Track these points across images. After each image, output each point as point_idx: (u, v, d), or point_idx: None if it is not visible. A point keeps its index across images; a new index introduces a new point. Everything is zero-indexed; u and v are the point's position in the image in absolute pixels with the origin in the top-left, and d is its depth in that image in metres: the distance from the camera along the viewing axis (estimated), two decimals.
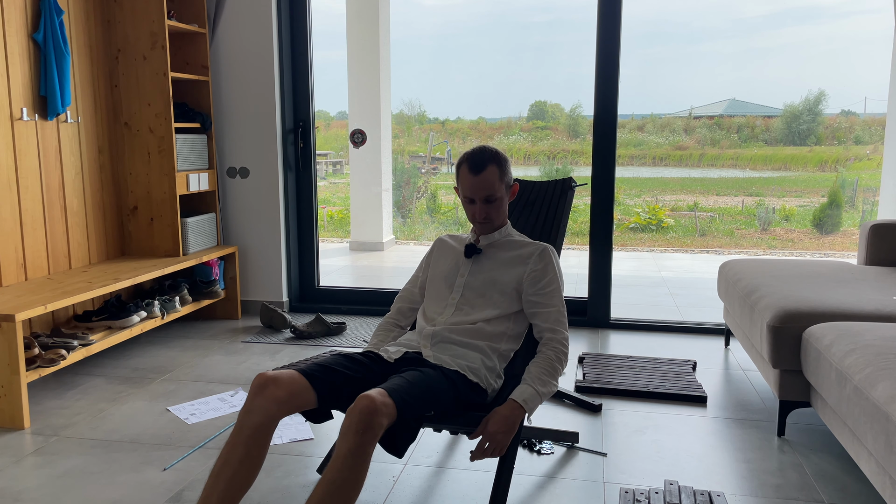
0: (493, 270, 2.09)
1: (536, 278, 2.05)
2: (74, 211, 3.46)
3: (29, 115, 3.16)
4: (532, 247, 2.11)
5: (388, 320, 2.25)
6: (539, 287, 2.05)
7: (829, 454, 2.41)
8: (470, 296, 2.08)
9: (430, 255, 2.26)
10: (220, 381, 3.12)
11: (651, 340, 3.74)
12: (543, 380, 1.94)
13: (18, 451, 2.44)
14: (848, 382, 2.01)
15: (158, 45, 3.59)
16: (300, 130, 4.15)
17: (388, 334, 2.21)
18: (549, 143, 10.89)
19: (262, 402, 1.72)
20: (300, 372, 1.79)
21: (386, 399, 1.64)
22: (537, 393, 1.91)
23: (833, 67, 10.87)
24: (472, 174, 2.01)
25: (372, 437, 1.60)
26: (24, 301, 2.77)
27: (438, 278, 2.15)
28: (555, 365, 1.97)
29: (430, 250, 2.27)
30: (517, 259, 2.09)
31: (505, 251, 2.11)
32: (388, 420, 1.63)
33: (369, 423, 1.60)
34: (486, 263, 2.11)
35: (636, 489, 2.15)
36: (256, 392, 1.74)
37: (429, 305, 2.15)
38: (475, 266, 2.11)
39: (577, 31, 10.56)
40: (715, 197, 10.33)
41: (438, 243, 2.26)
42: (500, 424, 1.84)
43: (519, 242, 2.13)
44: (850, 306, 2.50)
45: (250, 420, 1.71)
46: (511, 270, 2.07)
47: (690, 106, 11.47)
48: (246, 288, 4.20)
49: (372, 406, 1.61)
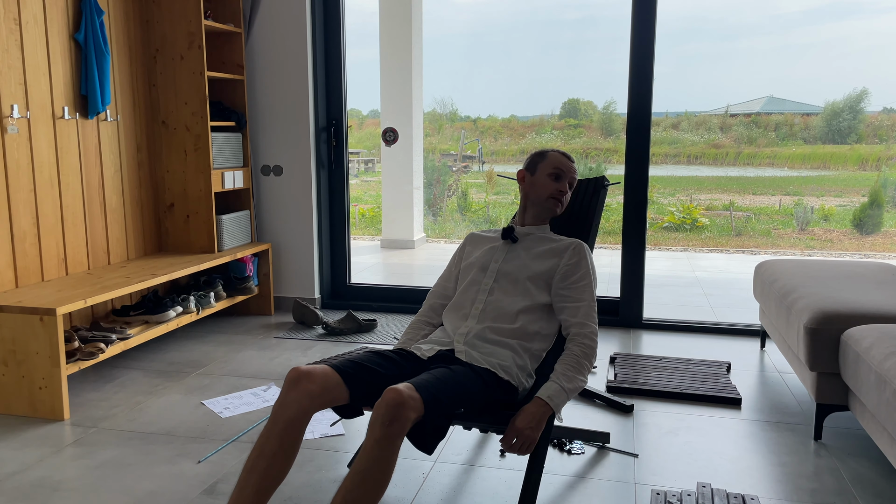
0: (527, 259, 2.11)
1: (569, 272, 2.06)
2: (113, 208, 3.54)
3: (70, 114, 3.24)
4: (566, 242, 2.13)
5: (420, 318, 2.26)
6: (571, 281, 2.06)
7: (867, 459, 2.36)
8: (503, 282, 2.09)
9: (462, 248, 2.29)
10: (253, 375, 3.17)
11: (684, 341, 3.70)
12: (569, 376, 1.93)
13: (58, 441, 2.50)
14: (888, 386, 1.96)
15: (195, 45, 3.65)
16: (333, 129, 4.19)
17: (420, 332, 2.22)
18: (582, 141, 10.82)
19: (296, 395, 1.74)
20: (333, 368, 1.81)
21: (413, 393, 1.65)
22: (563, 389, 1.90)
23: (873, 64, 10.61)
24: (565, 158, 2.18)
25: (399, 430, 1.62)
26: (64, 295, 2.84)
27: (472, 266, 2.18)
28: (581, 361, 1.96)
29: (462, 244, 2.30)
30: (551, 252, 2.11)
31: (540, 244, 2.14)
32: (416, 414, 1.64)
33: (396, 415, 1.61)
34: (521, 253, 2.14)
35: (668, 491, 2.13)
36: (290, 386, 1.76)
37: (460, 294, 2.15)
38: (510, 253, 2.14)
39: (609, 28, 10.46)
40: (751, 196, 10.16)
41: (470, 237, 2.29)
42: (526, 420, 1.84)
43: (554, 238, 2.16)
44: (891, 308, 2.44)
45: (284, 414, 1.73)
46: (545, 262, 2.09)
47: (727, 103, 11.29)
48: (279, 284, 4.25)
49: (399, 399, 1.62)
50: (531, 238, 2.17)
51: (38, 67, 3.05)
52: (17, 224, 2.99)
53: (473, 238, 2.28)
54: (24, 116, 2.98)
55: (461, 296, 2.15)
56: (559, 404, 1.89)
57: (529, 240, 2.16)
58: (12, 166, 2.95)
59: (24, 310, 2.66)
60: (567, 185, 2.16)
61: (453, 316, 2.12)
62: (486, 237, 2.24)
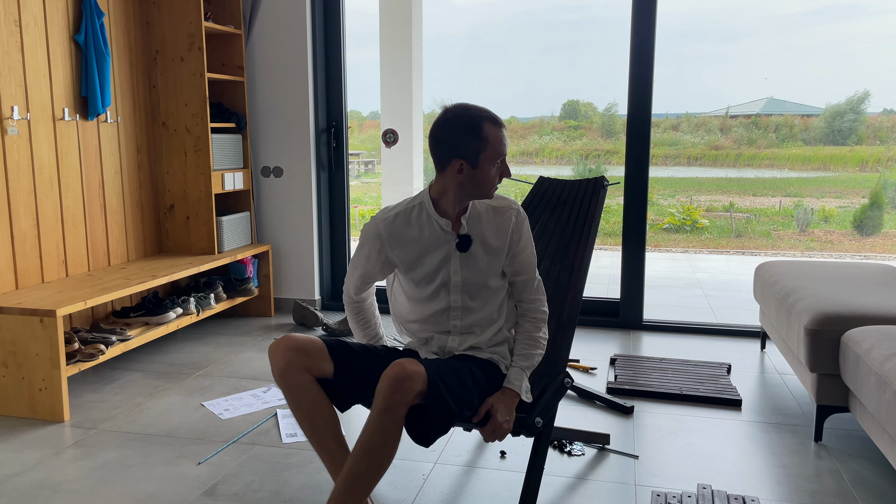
0: (481, 256, 1.90)
1: (515, 242, 1.92)
2: (113, 209, 3.54)
3: (70, 116, 3.24)
4: (505, 209, 1.92)
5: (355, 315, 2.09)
6: (516, 255, 1.93)
7: (868, 460, 2.36)
8: (471, 290, 1.92)
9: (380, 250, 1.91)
10: (254, 377, 3.16)
11: (684, 342, 3.70)
12: (526, 354, 1.94)
13: (58, 443, 2.50)
14: (888, 387, 1.96)
15: (195, 47, 3.65)
16: (333, 130, 4.19)
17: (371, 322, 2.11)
18: (583, 142, 10.82)
19: (282, 354, 1.79)
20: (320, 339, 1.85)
21: (418, 367, 1.66)
22: (522, 370, 1.92)
23: (873, 66, 10.60)
24: (499, 127, 1.81)
25: (400, 400, 1.63)
26: (64, 297, 2.84)
27: (423, 281, 1.91)
28: (534, 335, 1.96)
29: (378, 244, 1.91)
30: (497, 230, 1.91)
31: (483, 226, 1.91)
32: (419, 387, 1.65)
33: (398, 386, 1.62)
34: (474, 250, 1.90)
35: (668, 492, 2.13)
36: (272, 354, 1.81)
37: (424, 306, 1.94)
38: (465, 259, 1.89)
39: (608, 30, 10.46)
40: (751, 197, 10.16)
41: (388, 235, 1.89)
42: (504, 413, 1.83)
43: (488, 207, 1.92)
44: (892, 310, 2.43)
45: (284, 381, 1.80)
46: (496, 247, 1.91)
47: (727, 105, 11.29)
48: (279, 286, 4.25)
49: (402, 372, 1.64)
50: (472, 221, 1.90)
51: (38, 69, 3.05)
52: (18, 225, 2.99)
53: (392, 233, 1.89)
54: (24, 118, 2.98)
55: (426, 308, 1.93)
56: (521, 386, 1.90)
57: (473, 224, 1.90)
58: (12, 168, 2.95)
59: (25, 311, 2.66)
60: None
61: (430, 327, 1.96)
62: (414, 236, 1.89)
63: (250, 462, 2.35)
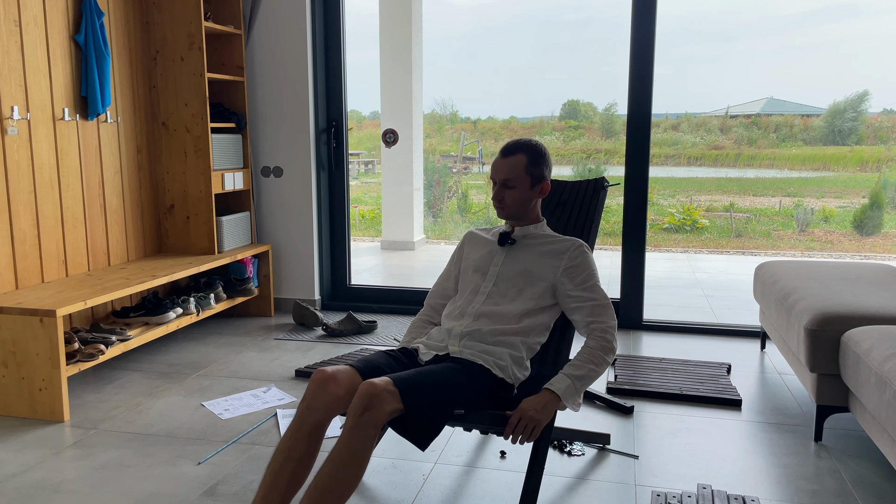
0: (527, 262, 2.07)
1: (573, 274, 2.04)
2: (113, 209, 3.54)
3: (70, 116, 3.24)
4: (567, 242, 2.10)
5: (421, 317, 2.26)
6: (577, 282, 2.03)
7: (868, 460, 2.36)
8: (503, 286, 2.07)
9: (460, 248, 2.26)
10: (254, 377, 3.16)
11: (684, 342, 3.70)
12: (577, 364, 1.92)
13: (58, 443, 2.50)
14: (888, 387, 1.96)
15: (195, 47, 3.65)
16: (333, 130, 4.19)
17: (422, 330, 2.22)
18: (583, 142, 10.82)
19: (325, 399, 1.75)
20: (356, 370, 1.83)
21: (389, 386, 1.68)
22: (567, 377, 1.90)
23: (874, 66, 10.60)
24: (500, 156, 2.08)
25: (370, 420, 1.64)
26: (64, 297, 2.84)
27: (470, 269, 2.15)
28: (595, 352, 1.94)
29: (461, 243, 2.26)
30: (552, 253, 2.08)
31: (539, 245, 2.10)
32: (392, 406, 1.66)
33: (368, 405, 1.64)
34: (520, 255, 2.09)
35: (668, 492, 2.13)
36: (317, 388, 1.76)
37: (460, 296, 2.14)
38: (509, 257, 2.10)
39: (609, 30, 10.46)
40: (751, 197, 10.16)
41: (469, 236, 2.25)
42: (531, 403, 1.84)
43: (553, 238, 2.12)
44: (892, 310, 2.43)
45: (312, 417, 1.75)
46: (546, 263, 2.06)
47: (727, 105, 11.29)
48: (279, 286, 4.25)
49: (373, 390, 1.65)
50: (529, 238, 2.12)
51: (38, 69, 3.05)
52: (18, 225, 2.99)
53: (472, 237, 2.23)
54: (24, 118, 2.98)
55: (460, 298, 2.14)
56: (566, 394, 1.87)
57: (528, 240, 2.12)
58: (12, 168, 2.95)
59: (25, 311, 2.66)
60: (500, 190, 2.05)
61: (450, 318, 2.12)
62: (485, 238, 2.20)
63: (250, 462, 2.35)
